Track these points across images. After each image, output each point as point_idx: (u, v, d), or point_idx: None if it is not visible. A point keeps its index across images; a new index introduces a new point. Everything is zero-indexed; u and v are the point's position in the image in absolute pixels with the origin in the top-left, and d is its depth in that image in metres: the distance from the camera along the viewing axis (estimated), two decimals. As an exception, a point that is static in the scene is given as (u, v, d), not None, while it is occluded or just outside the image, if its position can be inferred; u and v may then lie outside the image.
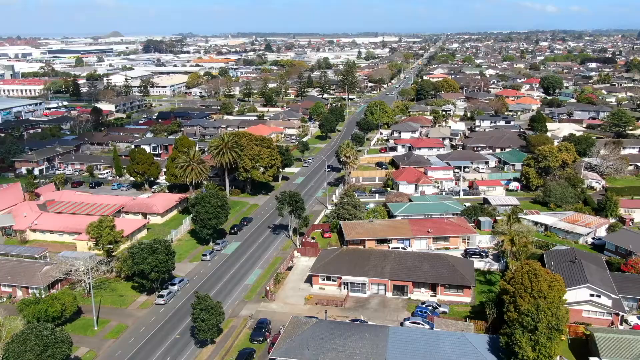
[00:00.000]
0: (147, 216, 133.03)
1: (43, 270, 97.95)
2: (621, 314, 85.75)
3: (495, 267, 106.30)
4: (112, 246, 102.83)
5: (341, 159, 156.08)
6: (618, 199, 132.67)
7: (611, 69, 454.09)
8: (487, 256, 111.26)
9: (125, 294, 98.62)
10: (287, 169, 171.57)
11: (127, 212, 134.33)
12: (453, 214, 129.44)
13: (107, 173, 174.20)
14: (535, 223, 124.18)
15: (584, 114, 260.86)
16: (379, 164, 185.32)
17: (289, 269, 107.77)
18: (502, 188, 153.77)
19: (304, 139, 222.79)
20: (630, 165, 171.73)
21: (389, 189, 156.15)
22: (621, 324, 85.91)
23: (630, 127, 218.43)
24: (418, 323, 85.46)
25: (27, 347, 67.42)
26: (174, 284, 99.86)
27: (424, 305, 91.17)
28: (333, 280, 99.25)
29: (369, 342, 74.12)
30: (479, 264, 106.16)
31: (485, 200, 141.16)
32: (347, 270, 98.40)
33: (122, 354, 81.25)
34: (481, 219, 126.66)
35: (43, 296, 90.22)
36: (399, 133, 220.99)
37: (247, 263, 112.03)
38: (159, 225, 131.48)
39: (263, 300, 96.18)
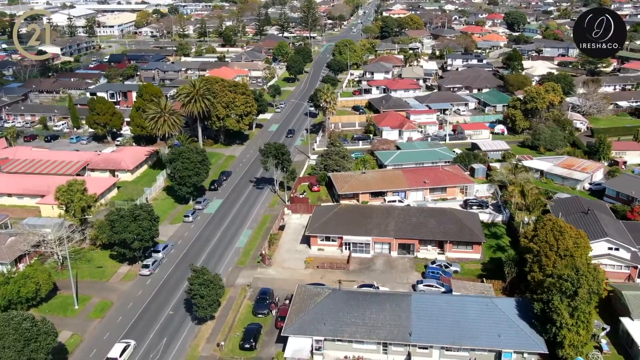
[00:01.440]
0: (116, 173, 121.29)
1: (7, 243, 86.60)
2: (639, 266, 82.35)
3: (499, 218, 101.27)
4: (85, 213, 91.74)
5: (321, 105, 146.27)
6: (611, 141, 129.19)
7: (569, 4, 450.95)
8: (487, 206, 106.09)
9: (104, 265, 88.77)
10: (260, 116, 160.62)
11: (92, 170, 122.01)
12: (445, 162, 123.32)
13: (62, 125, 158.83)
14: (529, 169, 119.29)
15: (553, 51, 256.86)
16: (356, 108, 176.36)
17: (281, 228, 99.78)
18: (488, 132, 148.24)
19: (271, 82, 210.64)
20: (610, 104, 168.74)
21: (371, 136, 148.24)
22: (638, 277, 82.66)
23: (604, 65, 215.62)
24: (432, 286, 79.80)
25: (6, 343, 57.82)
26: (158, 251, 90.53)
27: (434, 265, 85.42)
28: (333, 240, 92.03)
29: (391, 313, 67.84)
30: (482, 216, 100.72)
31: (474, 146, 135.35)
32: (348, 229, 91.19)
33: (111, 336, 72.49)
34: (475, 166, 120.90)
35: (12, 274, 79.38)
36: (372, 74, 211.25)
37: (234, 223, 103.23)
38: (129, 183, 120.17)
39: (259, 266, 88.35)
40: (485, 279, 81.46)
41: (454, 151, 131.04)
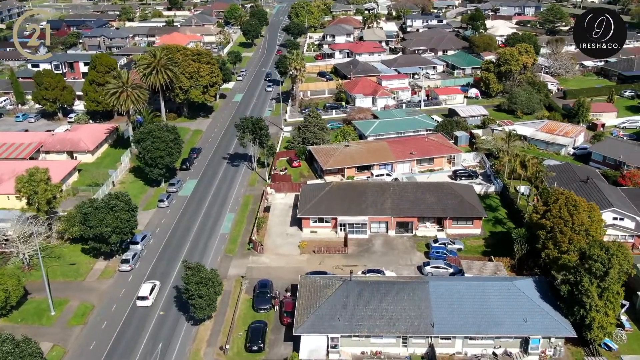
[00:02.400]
0: (75, 155, 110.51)
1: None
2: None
3: (492, 189, 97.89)
4: (51, 205, 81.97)
5: (290, 72, 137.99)
6: (590, 103, 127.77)
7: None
8: (477, 176, 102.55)
9: (76, 262, 79.96)
10: (222, 86, 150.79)
11: (47, 152, 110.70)
12: (427, 130, 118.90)
13: (4, 101, 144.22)
14: (522, 137, 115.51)
15: (509, 10, 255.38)
16: (322, 74, 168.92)
17: (267, 209, 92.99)
18: (463, 96, 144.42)
19: (227, 48, 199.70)
20: (576, 64, 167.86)
21: (343, 104, 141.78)
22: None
23: (563, 23, 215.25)
24: (440, 267, 75.61)
25: (-15, 371, 49.71)
26: (136, 243, 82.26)
27: (437, 244, 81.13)
28: (326, 221, 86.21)
29: (409, 303, 63.14)
30: (475, 187, 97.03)
31: (452, 112, 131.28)
32: (342, 209, 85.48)
33: (98, 346, 64.83)
34: (457, 133, 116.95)
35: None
36: (333, 37, 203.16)
37: (214, 206, 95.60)
38: (90, 166, 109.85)
39: (250, 254, 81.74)
40: (493, 256, 77.82)
41: (432, 118, 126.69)
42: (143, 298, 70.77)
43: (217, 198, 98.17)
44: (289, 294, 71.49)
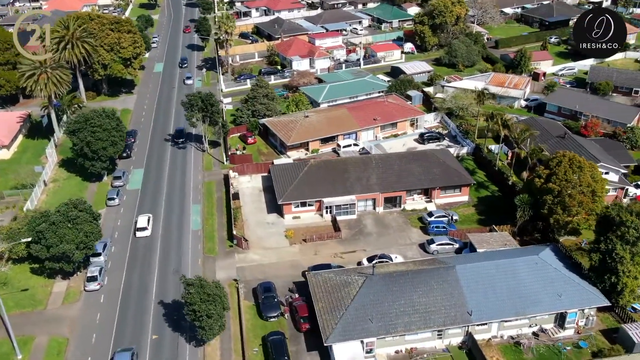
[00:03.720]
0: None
1: None
2: (625, 187, 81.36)
3: (464, 151, 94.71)
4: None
5: (221, 37, 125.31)
6: (531, 53, 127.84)
7: None
8: (443, 138, 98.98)
9: (28, 286, 66.86)
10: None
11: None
12: (380, 92, 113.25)
13: None
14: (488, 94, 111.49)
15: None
16: (244, 35, 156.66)
17: (235, 196, 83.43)
18: (400, 52, 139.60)
19: (127, 11, 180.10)
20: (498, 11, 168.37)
21: (279, 67, 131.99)
22: (624, 198, 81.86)
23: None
24: (446, 244, 71.36)
25: None
26: (98, 254, 70.24)
27: (432, 218, 76.64)
28: (309, 205, 78.77)
29: (441, 292, 58.29)
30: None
31: (396, 69, 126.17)
32: (327, 190, 78.36)
33: (89, 390, 54.38)
34: (411, 93, 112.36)
35: None
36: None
37: (173, 198, 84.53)
38: (8, 163, 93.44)
39: (235, 251, 72.77)
40: (494, 225, 74.71)
41: (377, 77, 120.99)
42: None
43: (173, 188, 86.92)
44: (296, 294, 64.16)
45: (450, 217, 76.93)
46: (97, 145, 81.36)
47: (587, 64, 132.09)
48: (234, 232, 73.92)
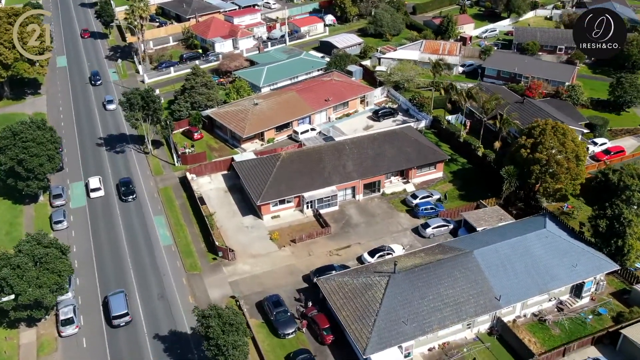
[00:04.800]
0: None
1: None
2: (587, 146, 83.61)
3: (423, 124, 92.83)
4: None
5: (134, 24, 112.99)
6: (456, 17, 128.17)
7: None
8: (397, 113, 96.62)
9: (-12, 342, 56.26)
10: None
11: None
12: (319, 70, 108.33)
13: None
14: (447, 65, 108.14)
15: None
16: (151, 18, 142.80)
17: (201, 202, 75.61)
18: (323, 25, 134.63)
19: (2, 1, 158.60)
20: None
21: (200, 51, 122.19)
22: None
23: None
24: (441, 226, 69.30)
25: None
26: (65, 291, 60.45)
27: (417, 200, 74.14)
28: (288, 202, 73.20)
29: (465, 280, 56.14)
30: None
31: (326, 44, 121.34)
32: (306, 183, 73.12)
33: None
34: (351, 68, 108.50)
35: None
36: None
37: (129, 213, 74.99)
38: None
39: (221, 264, 65.85)
40: (481, 200, 73.72)
41: (311, 54, 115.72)
42: None
43: (125, 201, 77.12)
44: (309, 304, 59.18)
45: (437, 197, 74.92)
46: (33, 163, 69.77)
47: (505, 24, 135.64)
48: (216, 243, 66.87)
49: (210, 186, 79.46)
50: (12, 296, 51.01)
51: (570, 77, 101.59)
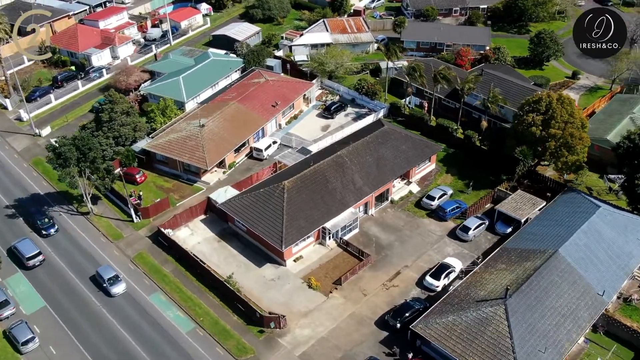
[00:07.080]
0: None
1: None
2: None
3: (381, 114, 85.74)
4: None
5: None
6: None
7: None
8: (347, 106, 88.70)
9: None
10: None
11: None
12: (237, 70, 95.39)
13: None
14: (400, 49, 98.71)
15: None
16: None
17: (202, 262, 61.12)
18: (202, 16, 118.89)
19: None
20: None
21: (73, 69, 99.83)
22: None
23: None
24: (479, 225, 64.45)
25: None
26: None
27: (436, 201, 68.14)
28: (307, 237, 62.49)
29: (567, 285, 52.59)
30: (368, 119, 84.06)
31: (222, 38, 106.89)
32: (321, 213, 62.80)
33: None
34: (269, 62, 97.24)
35: None
36: None
37: (110, 299, 58.12)
38: None
39: (274, 336, 53.89)
40: (498, 187, 70.19)
41: (219, 53, 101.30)
42: None
43: (98, 284, 59.52)
44: (410, 354, 50.94)
45: (450, 193, 69.90)
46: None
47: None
48: (259, 313, 54.51)
49: (196, 238, 64.99)
50: None
51: (489, 40, 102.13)
